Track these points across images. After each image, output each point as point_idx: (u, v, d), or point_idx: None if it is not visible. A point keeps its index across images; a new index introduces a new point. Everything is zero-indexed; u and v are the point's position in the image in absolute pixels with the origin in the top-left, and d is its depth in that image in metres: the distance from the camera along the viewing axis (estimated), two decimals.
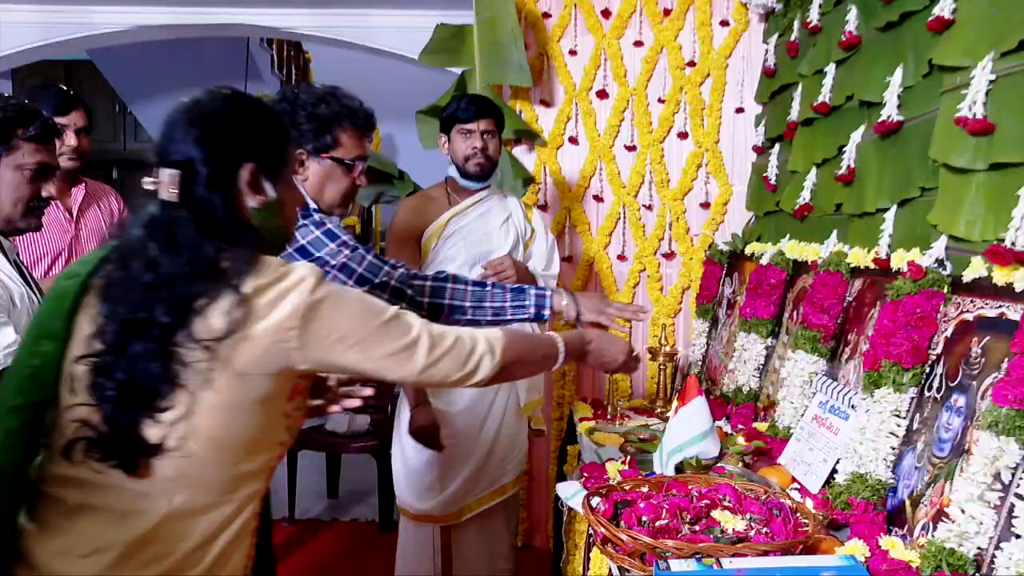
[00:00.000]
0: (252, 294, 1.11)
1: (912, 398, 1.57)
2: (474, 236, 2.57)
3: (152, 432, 1.10)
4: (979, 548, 1.24)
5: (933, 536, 1.32)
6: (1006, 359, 1.30)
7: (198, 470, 1.13)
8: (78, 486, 1.13)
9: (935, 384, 1.52)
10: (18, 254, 1.77)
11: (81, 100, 2.51)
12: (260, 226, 1.22)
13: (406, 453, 2.57)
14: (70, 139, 2.42)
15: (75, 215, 2.52)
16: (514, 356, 1.35)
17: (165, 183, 1.15)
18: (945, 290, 1.56)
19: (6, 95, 1.69)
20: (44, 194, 1.66)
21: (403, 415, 2.58)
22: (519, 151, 3.39)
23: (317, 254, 1.77)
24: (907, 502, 1.48)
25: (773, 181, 2.80)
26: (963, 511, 1.26)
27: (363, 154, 1.89)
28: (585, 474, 1.83)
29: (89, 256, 1.21)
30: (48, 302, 1.18)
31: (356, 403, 1.47)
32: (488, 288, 1.92)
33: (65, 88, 2.51)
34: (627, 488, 1.57)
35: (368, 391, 1.50)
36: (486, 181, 2.60)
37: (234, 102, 1.23)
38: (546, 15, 3.37)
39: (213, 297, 1.10)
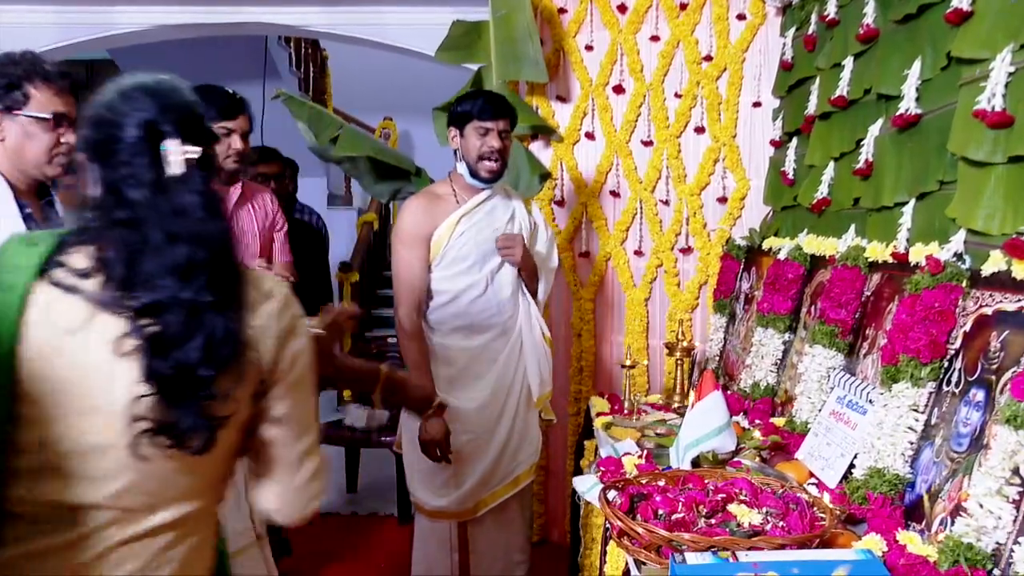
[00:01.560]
0: None
1: (930, 393, 1.57)
2: (484, 234, 2.55)
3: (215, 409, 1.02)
4: (997, 543, 1.23)
5: (951, 531, 1.32)
6: None
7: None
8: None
9: (953, 379, 1.51)
10: None
11: (246, 105, 2.43)
12: None
13: (419, 452, 2.58)
14: (236, 143, 2.37)
15: (229, 214, 2.45)
16: None
17: None
18: (964, 284, 1.55)
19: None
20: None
21: (410, 417, 2.56)
22: (536, 147, 3.40)
23: None
24: (925, 497, 1.48)
25: (790, 175, 2.79)
26: (981, 506, 1.26)
27: (63, 111, 1.86)
28: (602, 468, 1.84)
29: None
30: None
31: None
32: None
33: (231, 92, 2.42)
34: (643, 482, 1.58)
35: None
36: (495, 183, 2.58)
37: None
38: (562, 11, 3.37)
39: None
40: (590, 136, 3.38)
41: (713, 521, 1.40)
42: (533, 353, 2.64)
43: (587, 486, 1.81)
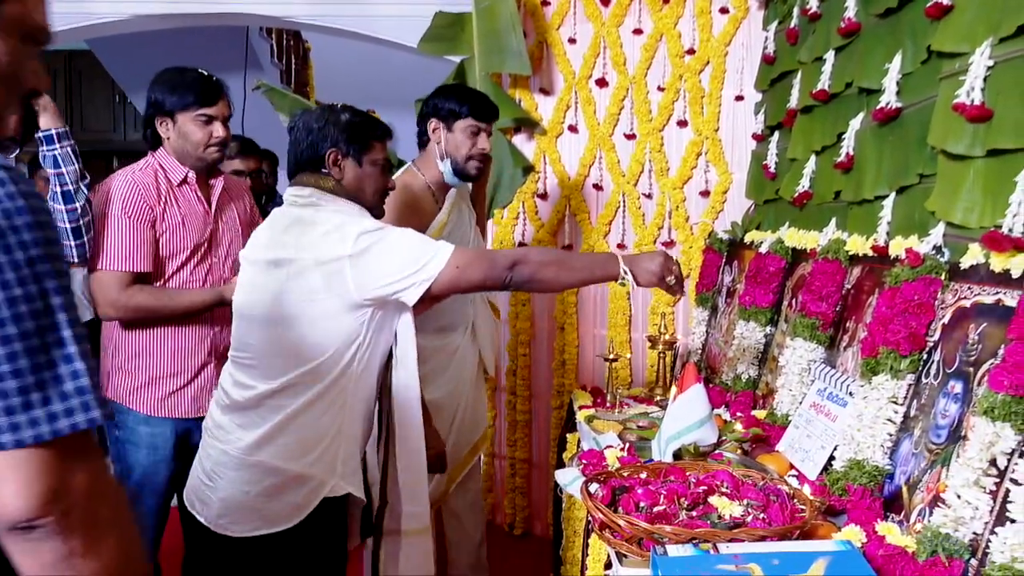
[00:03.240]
0: None
1: (909, 385, 1.58)
2: (460, 231, 2.52)
3: None
4: (974, 533, 1.24)
5: (929, 521, 1.33)
6: (1003, 345, 1.30)
7: None
8: None
9: (932, 371, 1.52)
10: None
11: (224, 88, 2.32)
12: None
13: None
14: (218, 131, 2.27)
15: (214, 209, 2.34)
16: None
17: None
18: (943, 277, 1.57)
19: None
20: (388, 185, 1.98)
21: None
22: (519, 140, 3.39)
23: None
24: (904, 488, 1.49)
25: (772, 169, 2.80)
26: (959, 496, 1.27)
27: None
28: (584, 461, 1.84)
29: None
30: None
31: None
32: None
33: (208, 75, 2.31)
34: (625, 475, 1.58)
35: None
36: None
37: None
38: (545, 3, 3.36)
39: None
40: (573, 129, 3.38)
41: (694, 513, 1.40)
42: (486, 328, 2.66)
43: (569, 479, 1.81)
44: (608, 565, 1.45)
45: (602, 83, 3.36)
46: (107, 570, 0.82)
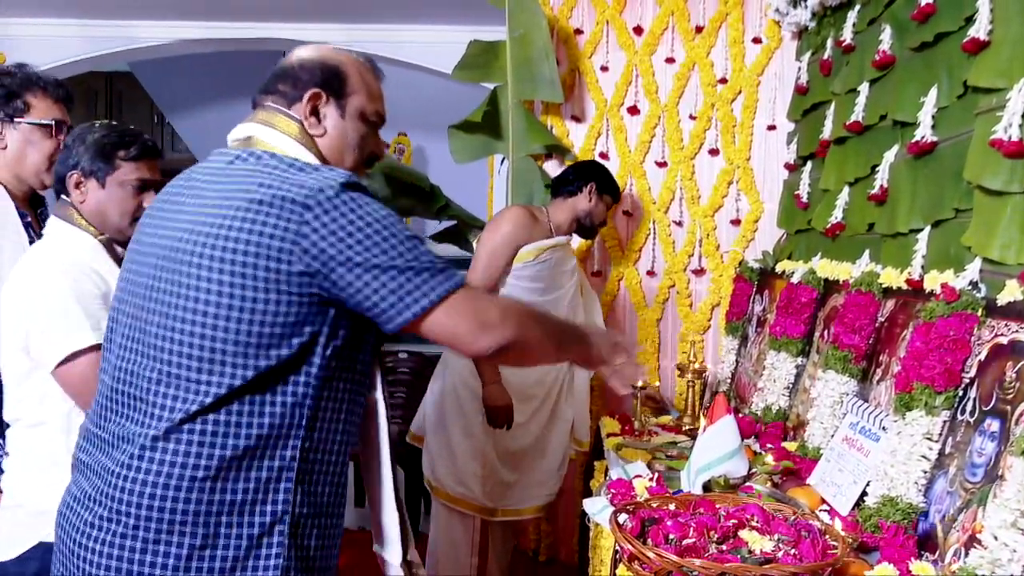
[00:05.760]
0: None
1: (944, 421, 1.56)
2: (560, 268, 2.84)
3: None
4: None
5: (965, 562, 1.31)
6: None
7: None
8: None
9: (968, 408, 1.51)
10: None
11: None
12: None
13: (452, 440, 2.76)
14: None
15: None
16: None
17: None
18: (979, 313, 1.55)
19: (110, 121, 1.79)
20: (145, 205, 1.72)
21: (456, 398, 2.77)
22: (550, 166, 3.41)
23: None
24: (938, 527, 1.47)
25: (805, 199, 2.79)
26: (996, 538, 1.25)
27: (61, 118, 1.94)
28: (612, 490, 1.83)
29: None
30: None
31: None
32: None
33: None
34: (654, 505, 1.57)
35: None
36: None
37: None
38: (578, 31, 3.39)
39: None
40: (604, 156, 3.40)
41: (724, 547, 1.39)
42: (581, 395, 2.92)
43: (597, 508, 1.80)
44: None
45: (634, 111, 3.37)
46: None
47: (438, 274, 1.23)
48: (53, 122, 1.91)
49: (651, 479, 1.89)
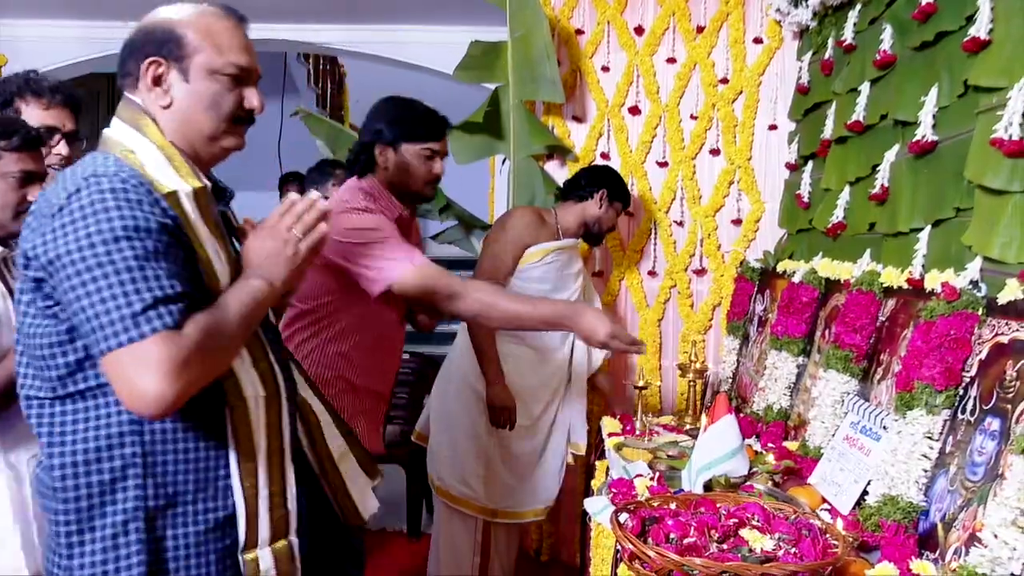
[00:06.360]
0: None
1: (945, 420, 1.56)
2: (565, 271, 2.86)
3: None
4: (1012, 574, 1.22)
5: (965, 561, 1.31)
6: None
7: None
8: None
9: (968, 407, 1.51)
10: (6, 260, 1.73)
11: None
12: None
13: (456, 440, 2.78)
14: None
15: None
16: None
17: None
18: (980, 312, 1.55)
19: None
20: (30, 198, 1.67)
21: (461, 398, 2.79)
22: (551, 166, 3.41)
23: None
24: (939, 525, 1.47)
25: (806, 199, 2.79)
26: (996, 536, 1.25)
27: (53, 124, 1.91)
28: (613, 490, 1.83)
29: None
30: None
31: None
32: None
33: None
34: (655, 505, 1.57)
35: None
36: None
37: None
38: (579, 32, 3.39)
39: None
40: (605, 156, 3.40)
41: (725, 546, 1.39)
42: (578, 399, 2.91)
43: (598, 507, 1.81)
44: None
45: (635, 111, 3.38)
46: None
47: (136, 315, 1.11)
48: (40, 128, 1.83)
49: (652, 478, 1.90)
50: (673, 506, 1.57)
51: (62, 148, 1.94)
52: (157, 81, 1.28)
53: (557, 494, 2.96)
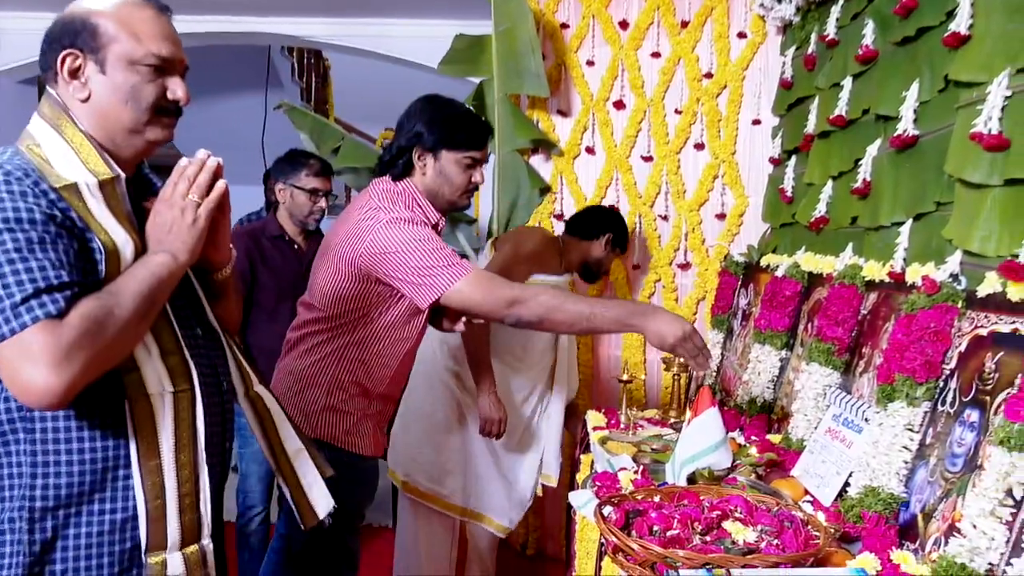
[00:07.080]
0: None
1: (925, 412, 1.58)
2: None
3: None
4: (990, 564, 1.24)
5: (945, 551, 1.32)
6: (1019, 375, 1.30)
7: None
8: None
9: (948, 399, 1.52)
10: None
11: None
12: None
13: (435, 439, 2.75)
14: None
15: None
16: None
17: None
18: (959, 305, 1.56)
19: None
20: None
21: (431, 392, 2.76)
22: (536, 160, 3.41)
23: None
24: (919, 516, 1.49)
25: (789, 193, 2.81)
26: (975, 526, 1.26)
27: None
28: (597, 483, 1.84)
29: None
30: None
31: None
32: None
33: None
34: (639, 498, 1.58)
35: None
36: None
37: None
38: (564, 26, 3.39)
39: None
40: (590, 151, 3.40)
41: (708, 538, 1.40)
42: (554, 427, 2.90)
43: (582, 501, 1.81)
44: None
45: (619, 105, 3.38)
46: None
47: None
48: None
49: (636, 472, 1.90)
50: (657, 499, 1.58)
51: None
52: (74, 74, 1.24)
53: (519, 520, 2.91)
